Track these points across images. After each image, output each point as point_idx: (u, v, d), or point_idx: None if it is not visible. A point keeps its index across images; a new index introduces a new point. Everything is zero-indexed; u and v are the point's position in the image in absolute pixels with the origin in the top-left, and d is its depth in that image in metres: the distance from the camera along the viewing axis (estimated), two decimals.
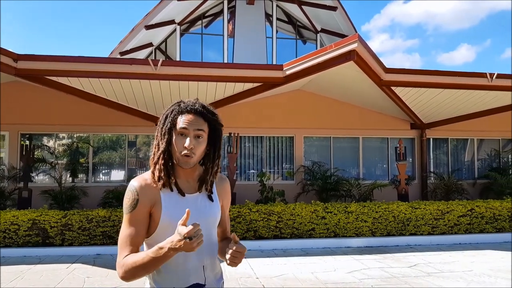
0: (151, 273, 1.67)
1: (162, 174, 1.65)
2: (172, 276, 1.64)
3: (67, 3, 74.10)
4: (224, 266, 1.86)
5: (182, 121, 1.66)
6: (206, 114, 1.70)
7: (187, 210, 1.44)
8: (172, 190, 1.68)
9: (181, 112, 1.68)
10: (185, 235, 1.38)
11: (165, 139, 1.67)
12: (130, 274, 1.52)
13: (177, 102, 1.73)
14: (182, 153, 1.64)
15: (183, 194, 1.68)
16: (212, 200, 1.76)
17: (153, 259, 1.46)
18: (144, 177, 1.69)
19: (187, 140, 1.63)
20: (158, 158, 1.67)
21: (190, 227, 1.39)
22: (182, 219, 1.42)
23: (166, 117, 1.70)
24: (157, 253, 1.45)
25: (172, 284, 1.64)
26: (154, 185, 1.66)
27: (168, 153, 1.68)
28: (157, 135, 1.71)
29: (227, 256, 1.60)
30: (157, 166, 1.66)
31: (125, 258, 1.54)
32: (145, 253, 1.49)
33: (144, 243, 1.71)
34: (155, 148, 1.71)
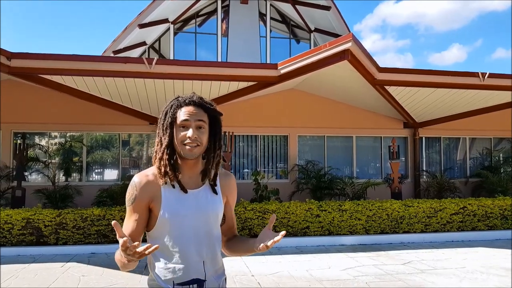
0: (153, 267, 1.71)
1: (168, 169, 1.66)
2: (172, 270, 1.67)
3: (58, 2, 73.61)
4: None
5: (182, 113, 1.67)
6: (205, 105, 1.73)
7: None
8: (174, 187, 1.69)
9: (180, 106, 1.70)
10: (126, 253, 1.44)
11: (167, 134, 1.68)
12: (118, 264, 1.65)
13: (175, 98, 1.74)
14: (186, 142, 1.65)
15: (185, 191, 1.69)
16: (215, 193, 1.77)
17: (121, 263, 1.60)
18: (146, 173, 1.71)
19: (190, 131, 1.65)
20: (163, 153, 1.68)
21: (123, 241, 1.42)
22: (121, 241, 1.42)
23: (166, 113, 1.71)
24: (122, 259, 1.54)
25: (171, 278, 1.66)
26: (156, 181, 1.68)
27: (171, 148, 1.69)
28: (158, 132, 1.72)
29: (269, 242, 1.56)
30: (162, 162, 1.67)
31: (117, 251, 1.60)
32: (121, 255, 1.55)
33: (147, 235, 1.75)
34: (157, 144, 1.72)
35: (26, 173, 9.78)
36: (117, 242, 1.49)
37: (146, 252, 1.40)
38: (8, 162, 9.82)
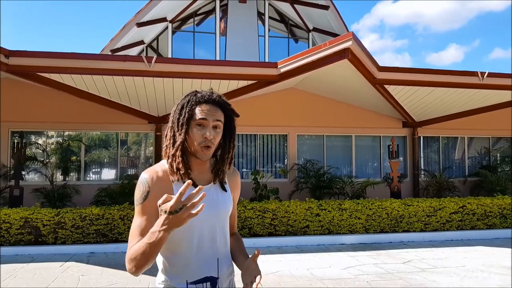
0: (163, 266, 1.66)
1: (180, 166, 1.62)
2: (184, 269, 1.62)
3: (57, 2, 73.36)
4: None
5: (201, 111, 1.62)
6: (224, 105, 1.68)
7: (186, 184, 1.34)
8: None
9: (199, 102, 1.64)
10: (169, 210, 1.32)
11: (183, 130, 1.62)
12: (134, 264, 1.44)
13: (193, 92, 1.69)
14: (202, 144, 1.60)
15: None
16: (225, 190, 1.74)
17: (149, 245, 1.39)
18: (155, 170, 1.64)
19: (208, 131, 1.61)
20: (176, 150, 1.62)
21: (172, 201, 1.33)
22: (163, 198, 1.35)
23: (183, 107, 1.65)
24: (151, 238, 1.38)
25: (184, 276, 1.61)
26: (167, 178, 1.63)
27: (184, 144, 1.64)
28: (172, 126, 1.66)
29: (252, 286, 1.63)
30: (175, 158, 1.62)
31: (129, 250, 1.50)
32: (142, 241, 1.43)
33: None
34: (169, 139, 1.66)
35: (24, 172, 9.71)
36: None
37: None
38: (6, 161, 9.75)
